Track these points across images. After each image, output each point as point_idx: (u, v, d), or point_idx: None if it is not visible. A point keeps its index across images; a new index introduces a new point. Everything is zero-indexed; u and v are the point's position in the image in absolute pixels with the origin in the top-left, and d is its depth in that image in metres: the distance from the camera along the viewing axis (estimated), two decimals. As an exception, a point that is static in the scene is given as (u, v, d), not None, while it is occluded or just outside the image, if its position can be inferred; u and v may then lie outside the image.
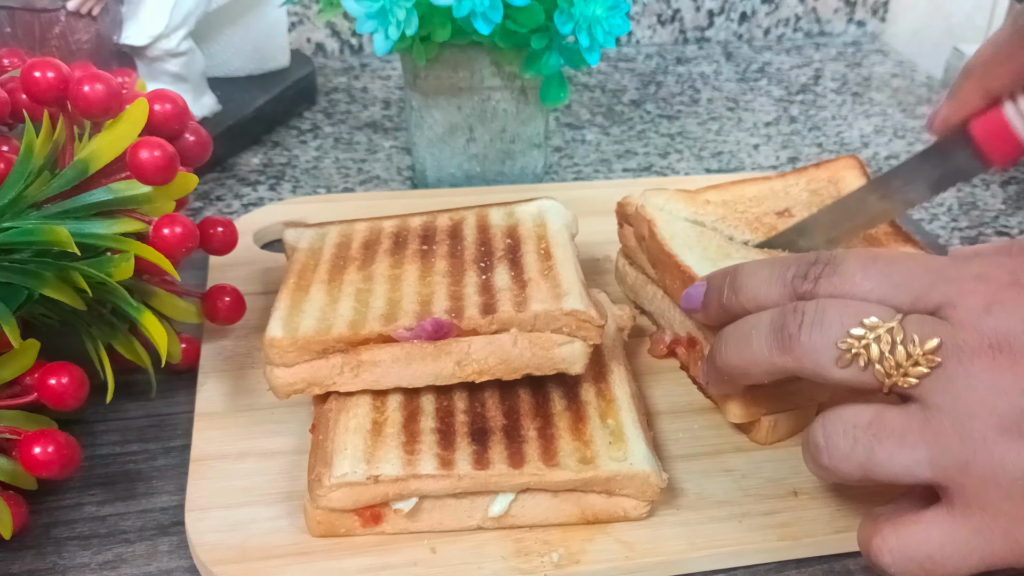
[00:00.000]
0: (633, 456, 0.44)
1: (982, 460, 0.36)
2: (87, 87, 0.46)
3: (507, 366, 0.46)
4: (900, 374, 0.38)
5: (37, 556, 0.44)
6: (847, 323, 0.39)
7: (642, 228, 0.54)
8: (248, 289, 0.57)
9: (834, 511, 0.46)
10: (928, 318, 0.38)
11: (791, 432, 0.50)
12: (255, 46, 0.83)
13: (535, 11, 0.61)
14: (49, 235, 0.44)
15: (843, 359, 0.39)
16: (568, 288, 0.47)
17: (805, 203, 0.57)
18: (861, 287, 0.40)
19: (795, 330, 0.40)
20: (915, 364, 0.37)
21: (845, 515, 0.46)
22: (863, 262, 0.40)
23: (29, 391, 0.44)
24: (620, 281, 0.60)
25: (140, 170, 0.46)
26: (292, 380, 0.46)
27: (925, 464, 0.38)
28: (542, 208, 0.55)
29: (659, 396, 0.53)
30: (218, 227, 0.53)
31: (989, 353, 0.36)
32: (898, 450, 0.38)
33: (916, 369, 0.37)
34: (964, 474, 0.37)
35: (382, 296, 0.48)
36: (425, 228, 0.54)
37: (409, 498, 0.43)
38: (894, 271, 0.40)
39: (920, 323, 0.38)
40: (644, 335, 0.57)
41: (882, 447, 0.38)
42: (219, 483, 0.46)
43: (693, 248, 0.52)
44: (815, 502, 0.47)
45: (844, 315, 0.39)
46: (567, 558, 0.43)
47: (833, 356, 0.39)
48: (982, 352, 0.36)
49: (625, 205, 0.57)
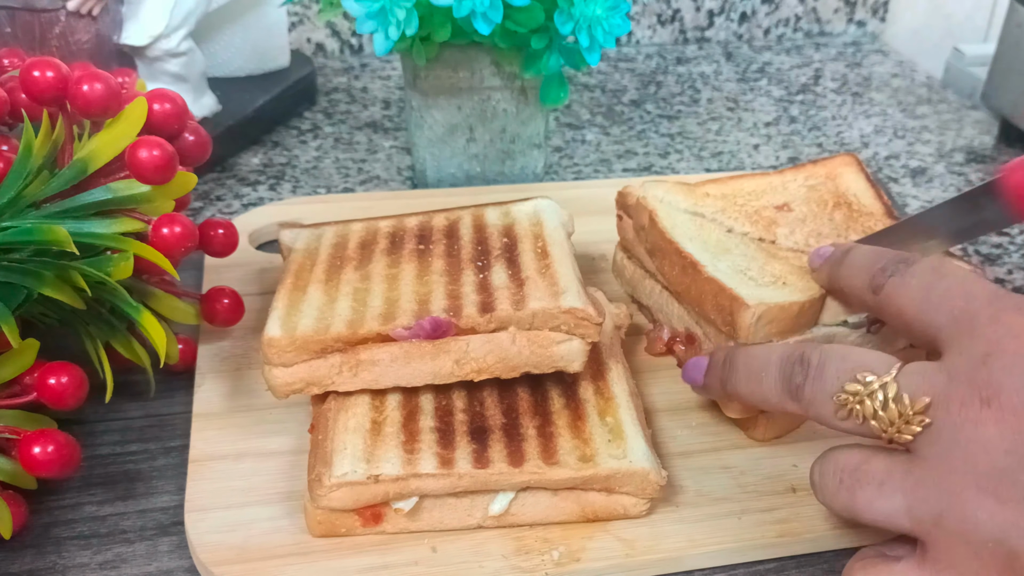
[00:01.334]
0: (633, 454, 0.44)
1: (956, 515, 0.36)
2: (86, 86, 0.46)
3: (506, 364, 0.46)
4: (896, 430, 0.38)
5: (37, 556, 0.44)
6: (843, 378, 0.39)
7: (642, 218, 0.54)
8: (244, 290, 0.57)
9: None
10: (927, 366, 0.38)
11: (788, 429, 0.50)
12: (255, 46, 0.83)
13: (535, 11, 0.61)
14: (48, 235, 0.44)
15: (841, 413, 0.39)
16: (566, 286, 0.47)
17: (803, 198, 0.57)
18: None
19: (801, 381, 0.40)
20: (907, 422, 0.37)
21: (844, 513, 0.46)
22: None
23: (29, 391, 0.44)
24: (618, 275, 0.60)
25: (139, 169, 0.46)
26: (291, 380, 0.46)
27: (903, 513, 0.37)
28: (538, 207, 0.55)
29: (657, 394, 0.53)
30: (219, 229, 0.53)
31: (978, 406, 0.35)
32: (877, 497, 0.38)
33: (909, 427, 0.37)
34: (937, 527, 0.37)
35: (380, 295, 0.48)
36: (421, 228, 0.54)
37: (409, 497, 0.43)
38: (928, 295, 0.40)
39: (916, 375, 0.38)
40: (641, 333, 0.57)
41: (863, 492, 0.38)
42: (218, 484, 0.46)
43: (693, 239, 0.52)
44: (813, 499, 0.46)
45: (841, 370, 0.39)
46: (567, 556, 0.43)
47: (833, 409, 0.39)
48: (971, 405, 0.36)
49: (625, 195, 0.57)
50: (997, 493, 0.35)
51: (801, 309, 0.47)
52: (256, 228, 0.65)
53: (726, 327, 0.47)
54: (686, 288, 0.50)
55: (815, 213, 0.56)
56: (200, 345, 0.55)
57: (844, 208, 0.56)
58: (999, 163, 0.49)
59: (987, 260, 0.70)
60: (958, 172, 0.81)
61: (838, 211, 0.56)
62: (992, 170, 0.81)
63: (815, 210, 0.56)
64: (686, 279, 0.50)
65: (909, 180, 0.80)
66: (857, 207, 0.57)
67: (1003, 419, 0.35)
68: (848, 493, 0.39)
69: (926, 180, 0.80)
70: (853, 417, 0.39)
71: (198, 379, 0.52)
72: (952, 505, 0.36)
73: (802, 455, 0.49)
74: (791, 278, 0.49)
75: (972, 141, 0.86)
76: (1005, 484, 0.35)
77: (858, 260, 0.45)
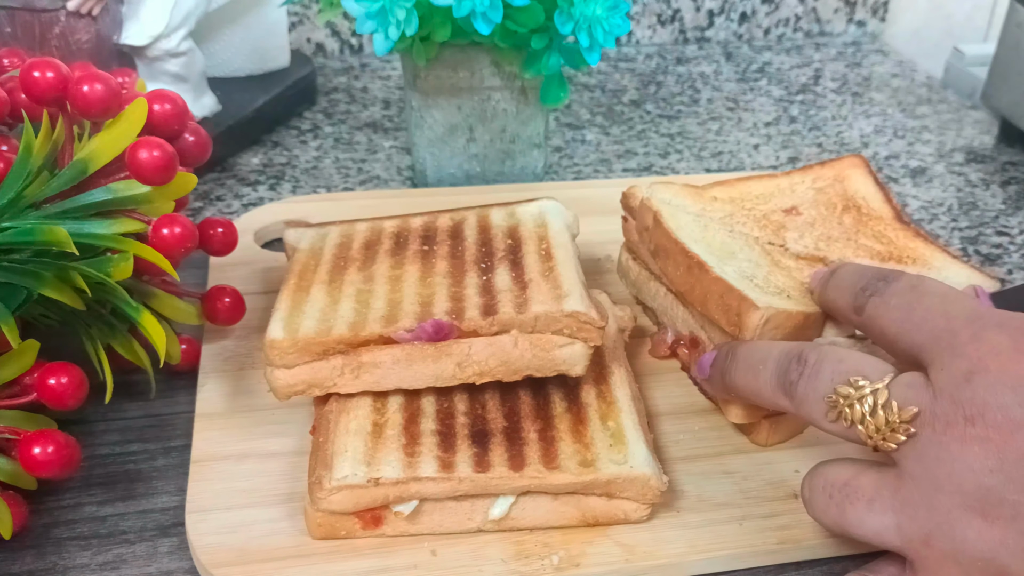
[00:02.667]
0: (634, 459, 0.44)
1: (945, 535, 0.36)
2: (86, 87, 0.46)
3: (508, 368, 0.46)
4: (880, 437, 0.37)
5: (37, 556, 0.44)
6: (836, 379, 0.39)
7: (646, 218, 0.54)
8: (248, 289, 0.57)
9: (834, 514, 0.46)
10: (919, 379, 0.38)
11: (791, 434, 0.50)
12: (255, 46, 0.83)
13: (535, 11, 0.61)
14: (48, 235, 0.44)
15: (831, 414, 0.39)
16: (569, 289, 0.47)
17: (811, 201, 0.57)
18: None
19: (795, 378, 0.40)
20: (893, 430, 0.37)
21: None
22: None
23: (29, 391, 0.44)
24: (623, 276, 0.60)
25: (139, 170, 0.46)
26: (292, 382, 0.46)
27: (893, 531, 0.37)
28: (543, 208, 0.55)
29: (660, 397, 0.53)
30: (218, 228, 0.53)
31: (962, 425, 0.35)
32: (867, 514, 0.38)
33: (895, 436, 0.37)
34: (927, 547, 0.37)
35: (383, 297, 0.48)
36: (426, 228, 0.54)
37: (409, 501, 0.43)
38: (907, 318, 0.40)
39: (907, 386, 0.37)
40: (645, 335, 0.57)
41: (853, 509, 0.38)
42: (220, 485, 0.46)
43: (698, 242, 0.51)
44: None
45: (836, 371, 0.39)
46: (567, 561, 0.43)
47: (823, 410, 0.39)
48: (956, 424, 0.35)
49: (630, 196, 0.57)
50: (984, 512, 0.35)
51: (806, 320, 0.47)
52: (262, 226, 0.65)
53: (732, 327, 0.47)
54: (690, 288, 0.50)
55: (824, 217, 0.56)
56: (204, 344, 0.55)
57: (853, 211, 0.56)
58: (999, 163, 0.48)
59: (987, 260, 0.70)
60: (958, 172, 0.81)
61: (847, 214, 0.56)
62: (992, 170, 0.81)
63: (824, 213, 0.56)
64: (691, 279, 0.50)
65: (909, 180, 0.80)
66: (866, 210, 0.57)
67: (987, 437, 0.35)
68: (838, 509, 0.39)
69: (926, 180, 0.80)
70: (841, 420, 0.39)
71: (201, 379, 0.52)
72: (940, 525, 0.36)
73: (804, 461, 0.48)
74: (795, 293, 0.48)
75: (972, 141, 0.86)
76: (992, 503, 0.35)
77: (843, 280, 0.45)
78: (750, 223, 0.55)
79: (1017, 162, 0.83)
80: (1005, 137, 0.86)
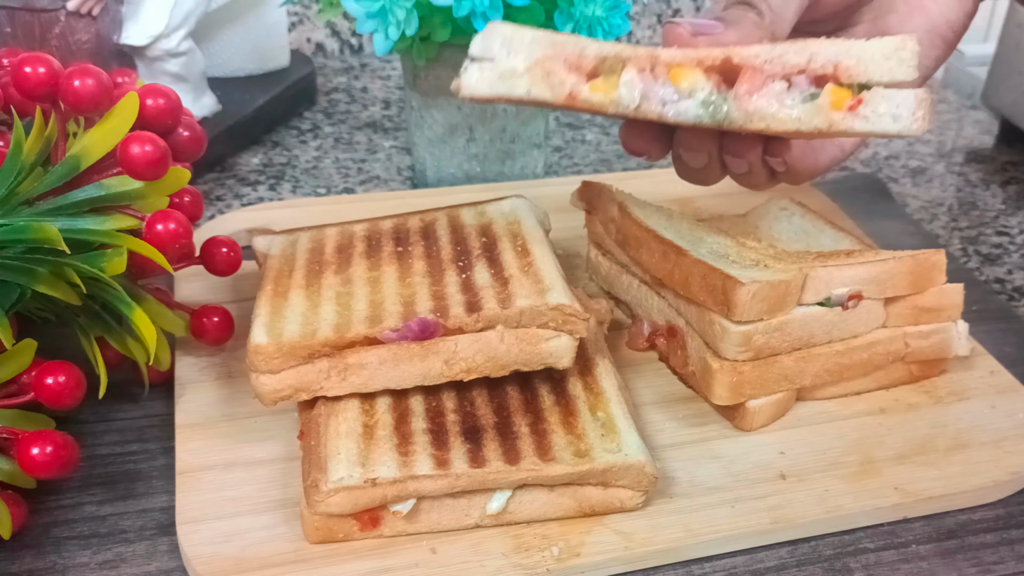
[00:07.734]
0: (627, 447, 0.44)
1: None
2: (77, 82, 0.45)
3: (495, 363, 0.46)
4: None
5: (37, 556, 0.44)
6: None
7: (611, 209, 0.54)
8: (217, 298, 0.56)
9: (822, 492, 0.47)
10: None
11: (774, 417, 0.51)
12: (255, 46, 0.83)
13: (535, 11, 0.61)
14: (38, 232, 0.44)
15: None
16: (551, 283, 0.47)
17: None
18: None
19: None
20: None
21: (833, 495, 0.46)
22: None
23: (26, 390, 0.44)
24: (593, 272, 0.60)
25: (131, 165, 0.46)
26: (279, 387, 0.45)
27: None
28: (514, 206, 0.55)
29: (642, 387, 0.53)
30: (223, 247, 0.52)
31: None
32: None
33: None
34: None
35: (364, 298, 0.47)
36: (397, 230, 0.54)
37: (407, 499, 0.43)
38: None
39: None
40: (621, 328, 0.57)
41: None
42: (208, 494, 0.45)
43: (667, 228, 0.52)
44: (802, 484, 0.47)
45: None
46: (567, 551, 0.43)
47: None
48: None
49: (590, 187, 0.57)
50: None
51: (788, 288, 0.48)
52: (228, 233, 0.63)
53: (718, 307, 0.47)
54: (668, 273, 0.50)
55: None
56: (177, 355, 0.53)
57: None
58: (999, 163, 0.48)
59: (987, 260, 0.70)
60: (958, 172, 0.81)
61: None
62: (992, 170, 0.81)
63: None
64: (668, 264, 0.50)
65: (909, 180, 0.80)
66: None
67: None
68: None
69: (926, 180, 0.80)
70: None
71: (178, 390, 0.51)
72: None
73: (788, 443, 0.49)
74: (770, 262, 0.50)
75: (972, 141, 0.86)
76: None
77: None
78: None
79: (1017, 162, 0.83)
80: (1005, 137, 0.86)
